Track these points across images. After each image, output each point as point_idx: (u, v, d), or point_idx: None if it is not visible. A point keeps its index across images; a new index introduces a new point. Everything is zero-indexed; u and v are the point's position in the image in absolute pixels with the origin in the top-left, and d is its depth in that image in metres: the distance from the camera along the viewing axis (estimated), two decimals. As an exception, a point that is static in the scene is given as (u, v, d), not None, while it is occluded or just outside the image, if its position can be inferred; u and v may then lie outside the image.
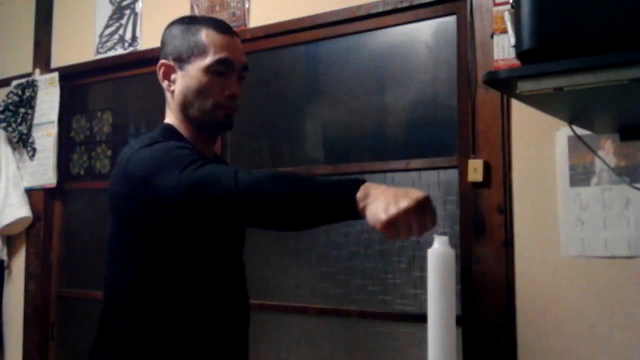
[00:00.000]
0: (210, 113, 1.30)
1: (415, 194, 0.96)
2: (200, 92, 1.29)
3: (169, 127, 1.34)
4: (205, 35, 1.30)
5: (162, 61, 1.34)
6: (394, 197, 0.95)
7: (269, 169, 2.14)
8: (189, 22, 1.35)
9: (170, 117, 1.36)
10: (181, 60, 1.31)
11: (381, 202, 0.95)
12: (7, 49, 2.92)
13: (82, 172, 2.71)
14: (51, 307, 2.69)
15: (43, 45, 2.77)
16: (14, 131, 2.68)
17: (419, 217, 0.95)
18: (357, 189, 0.98)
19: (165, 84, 1.34)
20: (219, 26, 1.33)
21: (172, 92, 1.33)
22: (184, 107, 1.31)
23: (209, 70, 1.28)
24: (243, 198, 1.04)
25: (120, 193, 1.26)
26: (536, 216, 1.65)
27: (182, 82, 1.31)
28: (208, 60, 1.28)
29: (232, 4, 2.21)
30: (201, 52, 1.29)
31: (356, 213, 0.98)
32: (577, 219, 1.59)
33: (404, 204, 0.93)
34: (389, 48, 2.00)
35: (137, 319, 1.25)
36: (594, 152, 1.52)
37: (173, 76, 1.33)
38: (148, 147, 1.22)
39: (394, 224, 0.94)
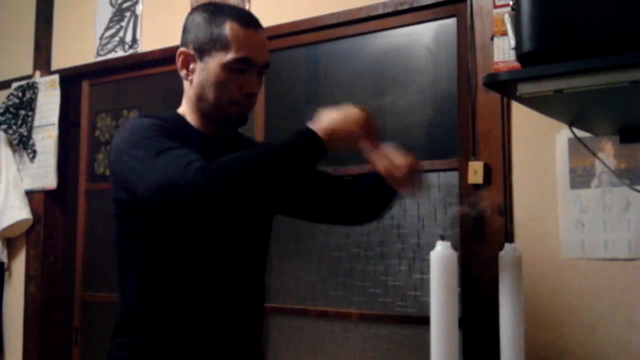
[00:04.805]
0: (225, 109, 1.29)
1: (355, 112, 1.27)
2: (218, 87, 1.27)
3: (175, 116, 1.34)
4: (229, 28, 1.26)
5: (181, 49, 1.31)
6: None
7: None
8: (214, 10, 1.29)
9: (184, 106, 1.35)
10: (202, 51, 1.28)
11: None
12: (7, 50, 2.92)
13: (107, 172, 2.66)
14: (75, 311, 2.67)
15: (43, 47, 2.77)
16: (14, 133, 2.68)
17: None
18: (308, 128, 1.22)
19: (183, 72, 1.32)
20: (244, 19, 1.29)
21: (190, 81, 1.31)
22: (199, 99, 1.30)
23: (228, 66, 1.25)
24: (212, 177, 1.06)
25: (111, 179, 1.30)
26: (536, 218, 1.65)
27: (200, 74, 1.28)
28: (229, 56, 1.25)
29: (232, 6, 2.21)
30: (223, 46, 1.25)
31: (322, 146, 1.19)
32: (577, 221, 1.59)
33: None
34: (389, 50, 2.00)
35: (141, 310, 1.28)
36: (594, 154, 1.52)
37: (192, 66, 1.30)
38: (122, 134, 1.25)
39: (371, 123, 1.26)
